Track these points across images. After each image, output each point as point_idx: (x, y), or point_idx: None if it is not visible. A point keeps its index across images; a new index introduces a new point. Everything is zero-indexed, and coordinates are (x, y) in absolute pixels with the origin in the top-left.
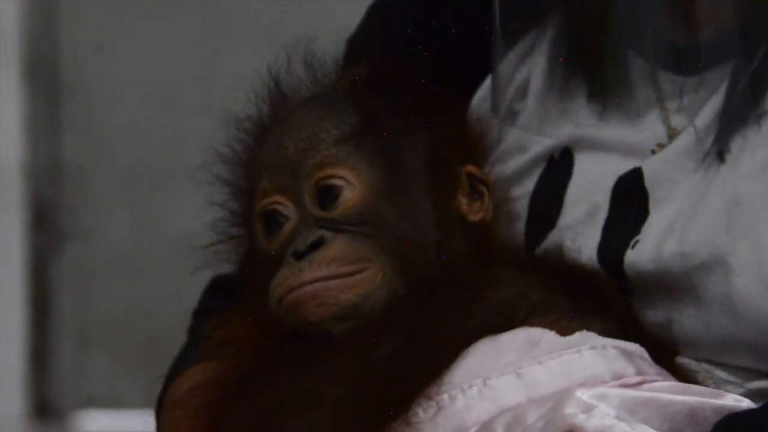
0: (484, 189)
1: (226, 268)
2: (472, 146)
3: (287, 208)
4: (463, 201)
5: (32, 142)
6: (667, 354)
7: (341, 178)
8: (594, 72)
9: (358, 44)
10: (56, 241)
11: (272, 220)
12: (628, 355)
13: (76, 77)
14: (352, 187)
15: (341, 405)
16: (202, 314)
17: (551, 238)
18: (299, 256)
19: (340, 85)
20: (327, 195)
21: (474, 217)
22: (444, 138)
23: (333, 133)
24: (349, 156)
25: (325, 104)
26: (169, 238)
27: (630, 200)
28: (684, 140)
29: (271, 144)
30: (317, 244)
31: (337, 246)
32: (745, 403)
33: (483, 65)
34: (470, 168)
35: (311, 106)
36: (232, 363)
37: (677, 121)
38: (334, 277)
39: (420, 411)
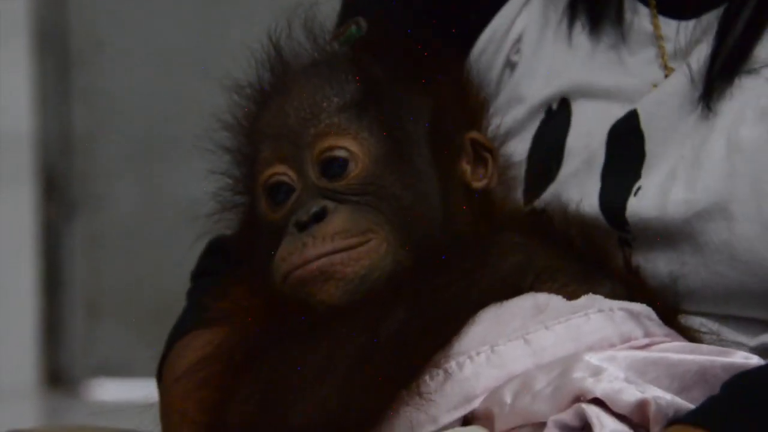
0: (488, 155)
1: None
2: (474, 113)
3: (290, 178)
4: (466, 168)
5: (42, 113)
6: (672, 312)
7: (344, 148)
8: (592, 17)
9: (355, 4)
10: (67, 210)
11: (276, 190)
12: (636, 317)
13: (86, 48)
14: (355, 158)
15: (349, 376)
16: (201, 276)
17: (551, 190)
18: (302, 226)
19: (341, 51)
20: (330, 166)
21: (478, 184)
22: (446, 105)
23: (334, 101)
24: (350, 125)
25: (326, 72)
26: (179, 206)
27: (626, 143)
28: (678, 80)
29: (272, 112)
30: (320, 215)
31: (339, 218)
32: (755, 360)
33: (482, 26)
34: (473, 134)
35: (312, 74)
36: (237, 335)
37: (674, 64)
38: (339, 251)
39: (428, 379)
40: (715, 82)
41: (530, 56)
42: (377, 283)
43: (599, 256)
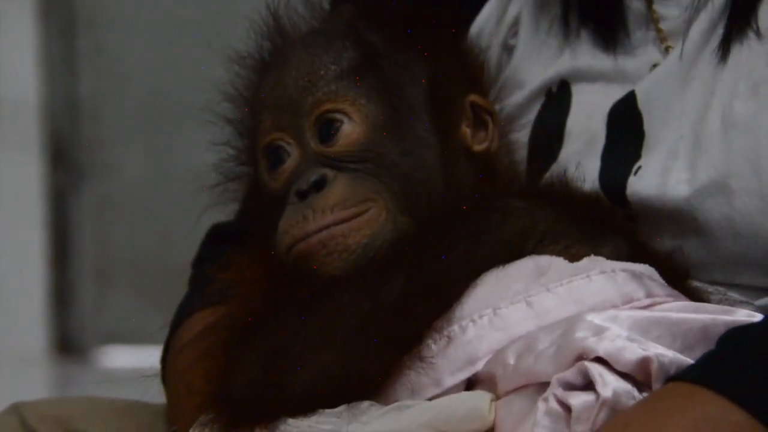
0: (488, 118)
1: (232, 209)
2: (473, 75)
3: (289, 145)
4: (467, 131)
5: (49, 80)
6: (678, 275)
7: (341, 112)
8: (587, 3)
9: None
10: (75, 178)
11: (275, 156)
12: (638, 278)
13: (92, 13)
14: (352, 123)
15: (352, 342)
16: (202, 263)
17: (552, 172)
18: (302, 195)
19: (338, 20)
20: (327, 129)
21: (479, 147)
22: (444, 69)
23: (332, 69)
24: (348, 92)
25: (324, 41)
26: (188, 173)
27: (625, 124)
28: (674, 59)
29: (270, 82)
30: (319, 183)
31: (338, 187)
32: (757, 317)
33: None
34: (473, 97)
35: (309, 43)
36: (241, 304)
37: (672, 42)
38: (338, 222)
39: (431, 343)
40: (720, 50)
41: (528, 40)
42: (380, 251)
43: (601, 218)
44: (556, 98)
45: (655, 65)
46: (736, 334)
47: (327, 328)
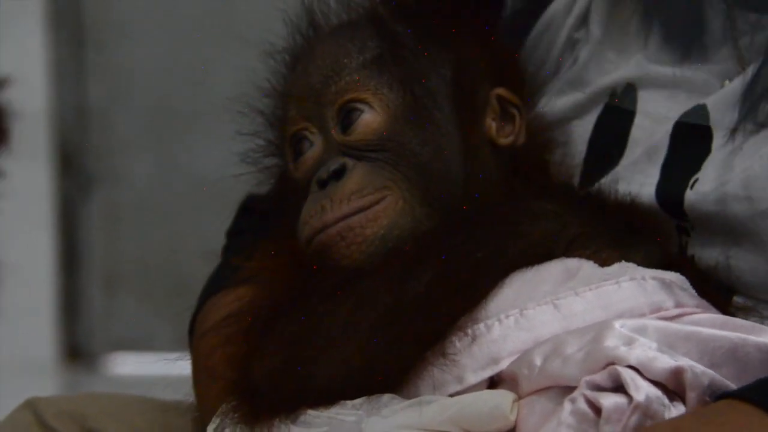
0: (515, 112)
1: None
2: (501, 68)
3: (313, 135)
4: (492, 124)
5: (57, 87)
6: (718, 291)
7: (363, 101)
8: (667, 6)
9: None
10: (83, 185)
11: (299, 145)
12: (668, 287)
13: (100, 22)
14: (372, 112)
15: (374, 335)
16: (236, 234)
17: (610, 177)
18: (322, 184)
19: (366, 12)
20: (348, 118)
21: (504, 141)
22: (470, 61)
23: (355, 59)
24: (370, 81)
25: (349, 32)
26: (196, 179)
27: (692, 138)
28: (747, 77)
29: (298, 74)
30: (339, 172)
31: (356, 176)
32: None
33: None
34: (500, 91)
35: (336, 35)
36: (266, 292)
37: (749, 58)
38: (355, 212)
39: (456, 340)
40: (750, 112)
41: (598, 39)
42: (400, 241)
43: (637, 223)
44: (621, 102)
45: (728, 81)
46: None
47: (350, 320)
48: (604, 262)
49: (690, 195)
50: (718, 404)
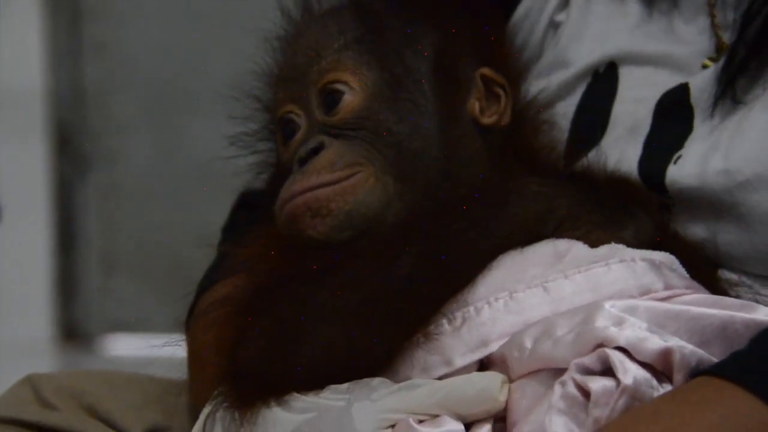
0: (500, 91)
1: (255, 184)
2: (487, 48)
3: (299, 117)
4: (475, 104)
5: (54, 67)
6: (705, 265)
7: (343, 82)
8: None
9: None
10: (80, 166)
11: (287, 129)
12: (657, 268)
13: (97, 1)
14: (352, 92)
15: (358, 317)
16: (231, 229)
17: (592, 154)
18: (302, 162)
19: None
20: (330, 99)
21: (488, 120)
22: (455, 41)
23: (337, 40)
24: (350, 60)
25: (334, 15)
26: (194, 161)
27: (674, 116)
28: (728, 59)
29: (286, 57)
30: (317, 150)
31: (330, 152)
32: None
33: None
34: (485, 70)
35: (322, 18)
36: (254, 277)
37: (728, 35)
38: (324, 185)
39: (445, 323)
40: (738, 81)
41: (579, 19)
42: (370, 219)
43: (627, 200)
44: (603, 80)
45: (710, 58)
46: (767, 334)
47: (334, 302)
48: (593, 243)
49: (672, 170)
50: (695, 382)
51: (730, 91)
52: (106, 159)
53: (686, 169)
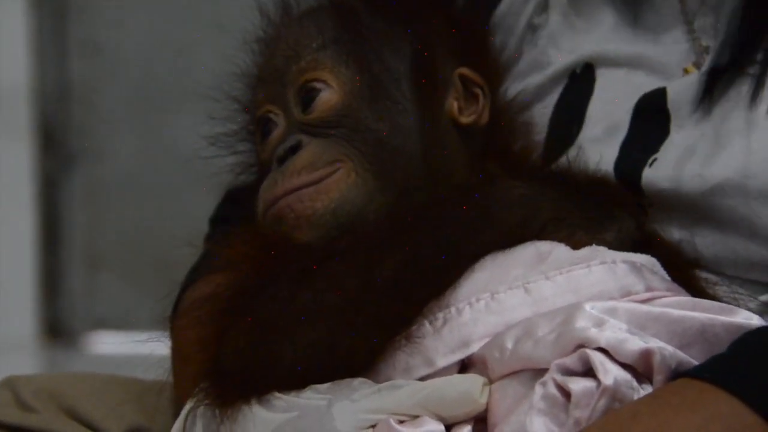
0: (478, 91)
1: (238, 182)
2: (466, 48)
3: (277, 116)
4: (454, 103)
5: (39, 64)
6: (685, 264)
7: (321, 81)
8: None
9: None
10: (65, 163)
11: (266, 127)
12: (638, 270)
13: None
14: (330, 90)
15: (340, 318)
16: (218, 223)
17: (572, 154)
18: (281, 161)
19: None
20: (307, 98)
21: (466, 120)
22: (433, 40)
23: (315, 40)
24: (328, 60)
25: (313, 15)
26: (179, 158)
27: (651, 119)
28: (708, 70)
29: (265, 58)
30: (295, 149)
31: (309, 151)
32: (755, 320)
33: None
34: (463, 70)
35: (301, 18)
36: (236, 275)
37: (706, 40)
38: (305, 185)
39: (426, 323)
40: (747, 53)
41: (558, 22)
42: (352, 216)
43: (609, 200)
44: (580, 81)
45: (694, 64)
46: (750, 337)
47: (316, 302)
48: (575, 245)
49: (648, 172)
50: (675, 384)
51: (707, 98)
52: (91, 156)
53: (661, 171)
